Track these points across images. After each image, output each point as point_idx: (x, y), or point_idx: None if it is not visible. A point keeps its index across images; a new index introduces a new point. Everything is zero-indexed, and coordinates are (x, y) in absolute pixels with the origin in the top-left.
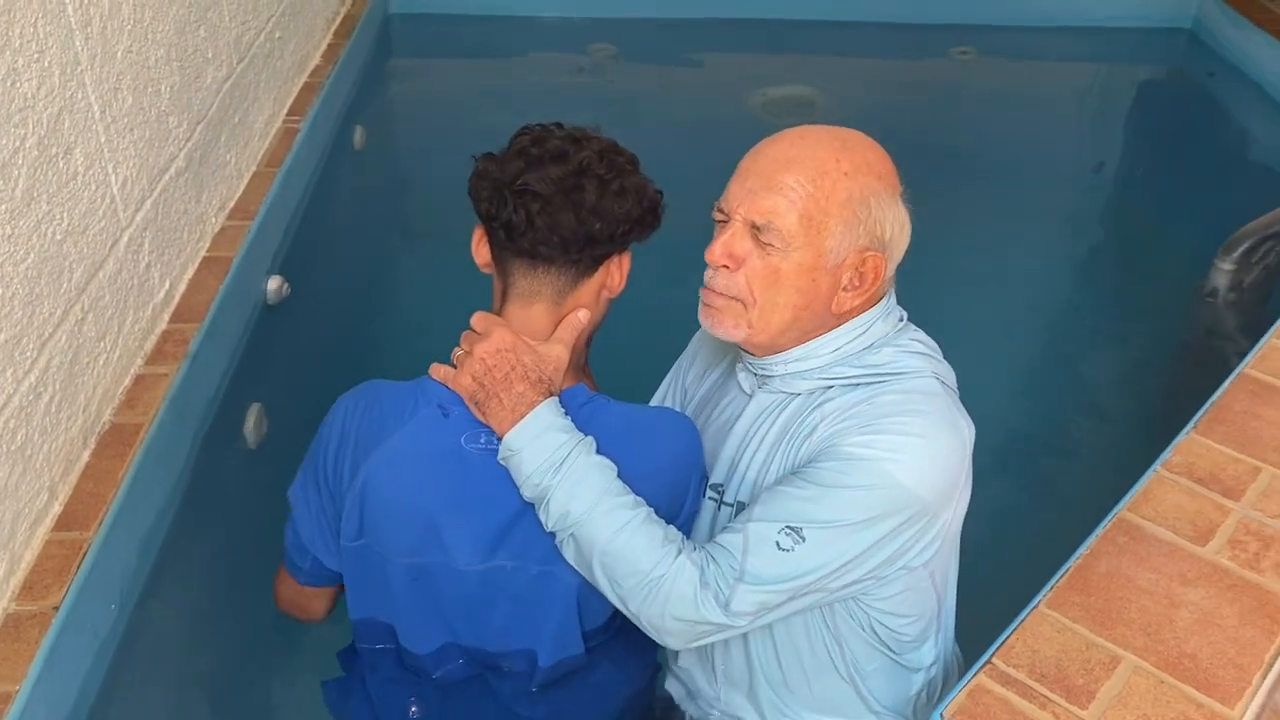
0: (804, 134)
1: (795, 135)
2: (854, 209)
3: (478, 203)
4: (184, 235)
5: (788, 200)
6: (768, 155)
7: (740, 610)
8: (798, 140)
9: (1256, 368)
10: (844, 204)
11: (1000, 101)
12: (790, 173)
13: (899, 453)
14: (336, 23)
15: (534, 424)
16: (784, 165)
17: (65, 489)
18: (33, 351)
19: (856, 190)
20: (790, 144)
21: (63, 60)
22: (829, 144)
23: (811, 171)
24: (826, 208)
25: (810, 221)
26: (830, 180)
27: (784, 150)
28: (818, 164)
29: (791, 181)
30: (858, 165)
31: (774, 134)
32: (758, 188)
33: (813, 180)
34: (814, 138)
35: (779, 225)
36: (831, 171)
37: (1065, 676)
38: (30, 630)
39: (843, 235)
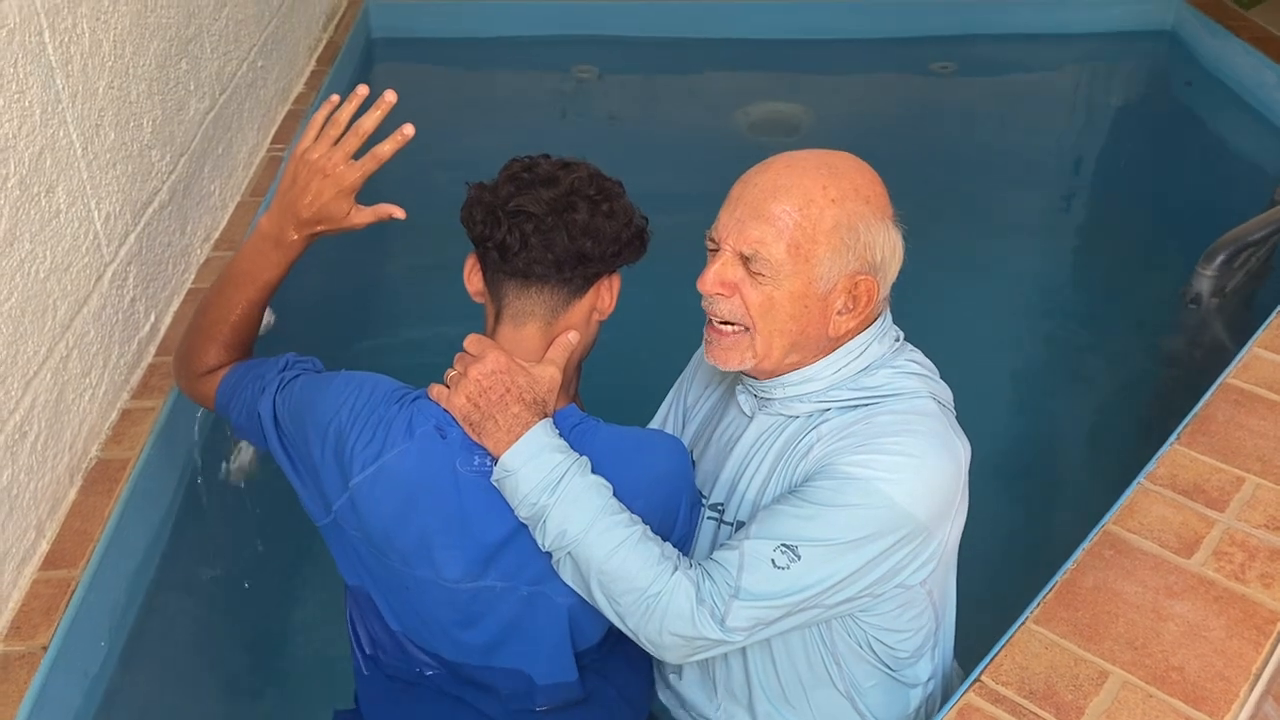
0: (792, 162)
1: (783, 164)
2: (842, 235)
3: (471, 226)
4: (169, 268)
5: (775, 230)
6: (755, 184)
7: (735, 626)
8: (784, 169)
9: (1239, 377)
10: (831, 231)
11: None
12: (777, 202)
13: (894, 472)
14: (319, 50)
15: (530, 444)
16: (771, 194)
17: (52, 527)
18: (17, 390)
19: (844, 217)
20: (777, 173)
21: (43, 99)
22: (816, 172)
23: (798, 200)
24: (814, 236)
25: (798, 250)
26: (817, 208)
27: (771, 179)
28: (804, 192)
29: (778, 211)
30: (845, 192)
31: (764, 160)
32: (746, 217)
33: (799, 209)
34: (801, 166)
35: (767, 255)
36: (818, 199)
37: (1054, 693)
38: (19, 671)
39: (832, 262)
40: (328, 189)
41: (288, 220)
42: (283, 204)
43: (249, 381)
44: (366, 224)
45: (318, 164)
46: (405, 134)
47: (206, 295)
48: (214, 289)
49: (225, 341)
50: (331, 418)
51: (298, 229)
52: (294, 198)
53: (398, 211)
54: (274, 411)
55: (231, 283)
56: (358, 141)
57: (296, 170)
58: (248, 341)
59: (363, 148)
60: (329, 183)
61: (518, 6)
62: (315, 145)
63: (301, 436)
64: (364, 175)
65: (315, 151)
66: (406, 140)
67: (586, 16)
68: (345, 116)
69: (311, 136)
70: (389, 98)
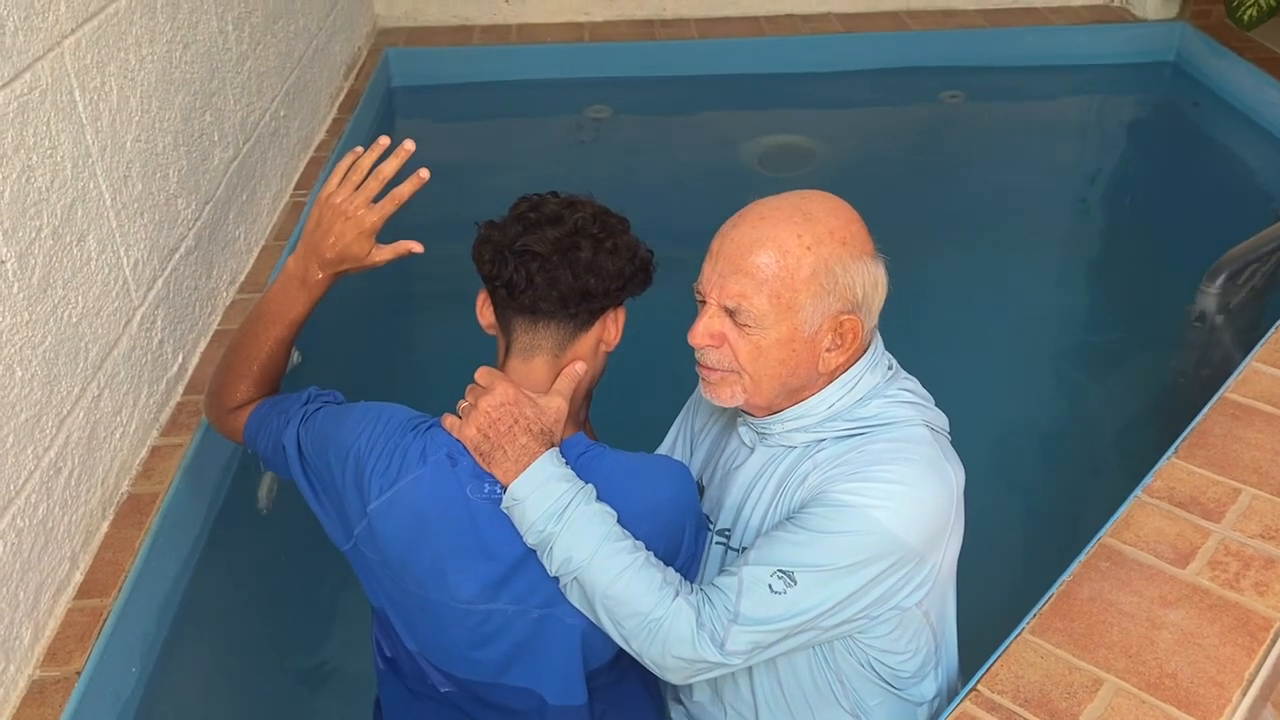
0: (765, 213)
1: (756, 216)
2: (821, 280)
3: (480, 265)
4: (196, 310)
5: (755, 283)
6: (732, 239)
7: (734, 650)
8: (758, 222)
9: (1237, 391)
10: (810, 278)
11: (991, 141)
12: (754, 255)
13: (886, 500)
14: (340, 98)
15: (537, 474)
16: (748, 249)
17: (86, 558)
18: (52, 429)
19: (821, 262)
20: (752, 225)
21: (74, 154)
22: (789, 221)
23: (774, 252)
24: (793, 285)
25: (779, 300)
26: (794, 258)
27: (746, 233)
28: (779, 244)
29: (756, 264)
30: (819, 237)
31: (740, 212)
32: (726, 272)
33: (777, 260)
34: (774, 216)
35: (749, 307)
36: (794, 249)
37: (1049, 701)
38: (55, 695)
39: (814, 307)
40: (350, 230)
41: (312, 260)
42: (308, 245)
43: (275, 415)
44: (387, 261)
45: (340, 207)
46: (421, 177)
47: (236, 334)
48: (243, 328)
49: (254, 378)
50: (351, 445)
51: (322, 268)
52: (318, 239)
53: (416, 247)
54: (298, 443)
55: (260, 321)
56: (378, 186)
57: (321, 214)
58: (275, 378)
59: (382, 192)
60: (351, 225)
61: (532, 50)
62: (338, 190)
63: (324, 465)
64: (383, 217)
65: (338, 196)
66: (423, 183)
67: (599, 58)
68: (367, 163)
69: (335, 182)
70: (408, 146)
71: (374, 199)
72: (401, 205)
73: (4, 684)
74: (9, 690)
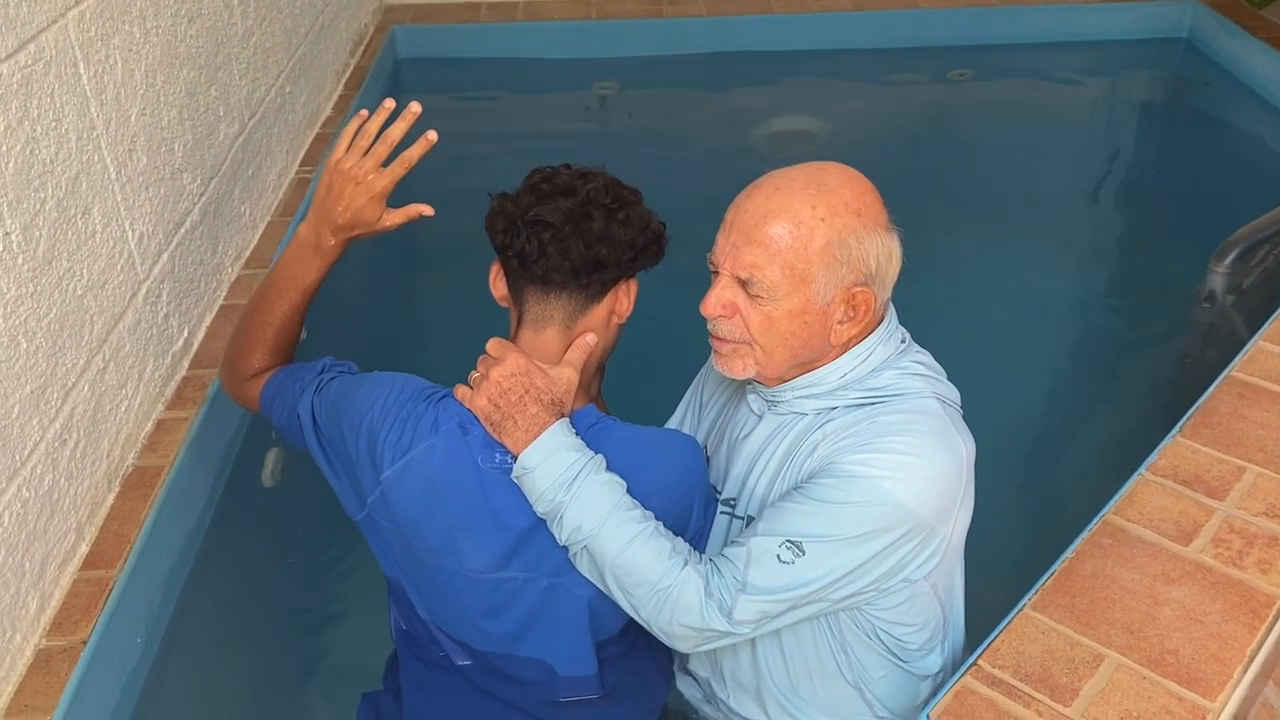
0: (779, 183)
1: (771, 186)
2: (834, 252)
3: (493, 235)
4: (201, 285)
5: (768, 253)
6: (746, 210)
7: (742, 619)
8: (773, 192)
9: (1243, 370)
10: (824, 250)
11: (1000, 120)
12: (768, 225)
13: (896, 471)
14: (347, 74)
15: (547, 443)
16: (761, 219)
17: (91, 530)
18: (57, 400)
19: (835, 234)
20: (766, 196)
21: (79, 127)
22: (804, 191)
23: (788, 223)
24: (806, 256)
25: (792, 271)
26: (807, 229)
27: (761, 203)
28: (793, 215)
29: (770, 235)
30: (834, 208)
31: (754, 182)
32: (739, 242)
33: (790, 231)
34: (789, 187)
35: (762, 278)
36: (807, 220)
37: (1050, 675)
38: (60, 664)
39: (827, 278)
40: (360, 195)
41: (324, 226)
42: (319, 211)
43: (289, 385)
44: (398, 225)
45: (350, 172)
46: (430, 139)
47: (250, 302)
48: (257, 296)
49: (269, 346)
50: (364, 414)
51: (334, 234)
52: (329, 205)
53: (426, 209)
54: (313, 412)
55: (274, 289)
56: (386, 150)
57: (330, 179)
58: (290, 346)
59: (391, 155)
60: (361, 189)
61: (539, 27)
62: (347, 155)
63: (338, 434)
64: (393, 180)
65: (347, 161)
66: (431, 145)
67: (606, 35)
68: (374, 127)
69: (343, 147)
70: (414, 108)
71: (383, 163)
72: (411, 168)
73: (11, 653)
74: (15, 659)
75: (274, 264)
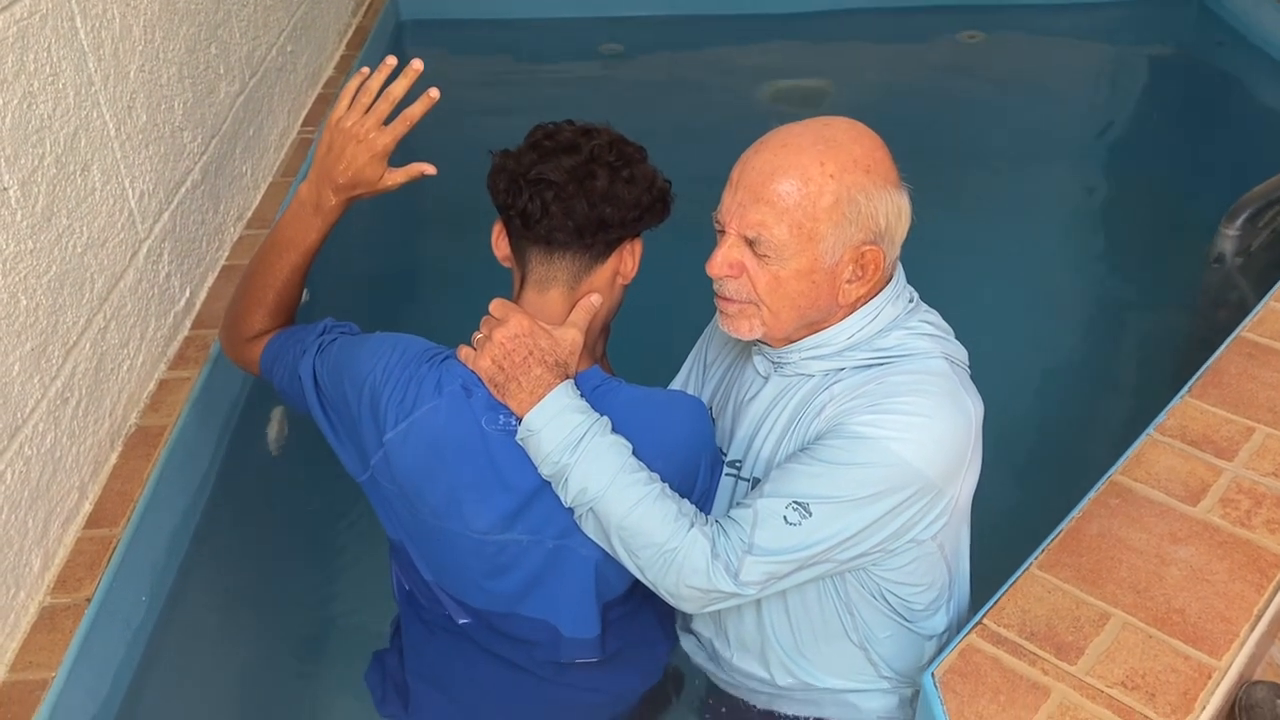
0: (787, 140)
1: (778, 143)
2: (843, 210)
3: (495, 194)
4: (203, 245)
5: (776, 212)
6: (753, 166)
7: (749, 580)
8: (780, 149)
9: (1254, 330)
10: (832, 207)
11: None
12: (775, 183)
13: (904, 431)
14: (349, 34)
15: (551, 405)
16: (769, 176)
17: (95, 488)
18: (58, 359)
19: (844, 191)
20: (774, 153)
21: (77, 82)
22: (812, 148)
23: (796, 180)
24: (814, 214)
25: (800, 229)
26: (815, 186)
27: (768, 160)
28: (801, 171)
29: (777, 192)
30: (843, 165)
31: (761, 138)
32: (746, 201)
33: (798, 189)
34: (797, 143)
35: (770, 237)
36: (816, 177)
37: (1055, 634)
38: (65, 621)
39: (835, 236)
40: (361, 154)
41: (325, 186)
42: (320, 170)
43: (290, 346)
44: (400, 184)
45: (351, 130)
46: (432, 96)
47: (251, 263)
48: (258, 257)
49: (270, 307)
50: (367, 375)
51: (335, 193)
52: (330, 164)
53: (428, 168)
54: (314, 373)
55: (275, 249)
56: (388, 107)
57: (331, 138)
58: (291, 307)
59: (393, 114)
60: (362, 148)
61: None
62: (348, 113)
63: (340, 396)
64: (395, 139)
65: (349, 119)
66: (433, 103)
67: None
68: (375, 85)
69: (344, 105)
70: (416, 65)
71: (385, 121)
72: (413, 126)
73: (15, 610)
74: (20, 616)
75: (275, 224)
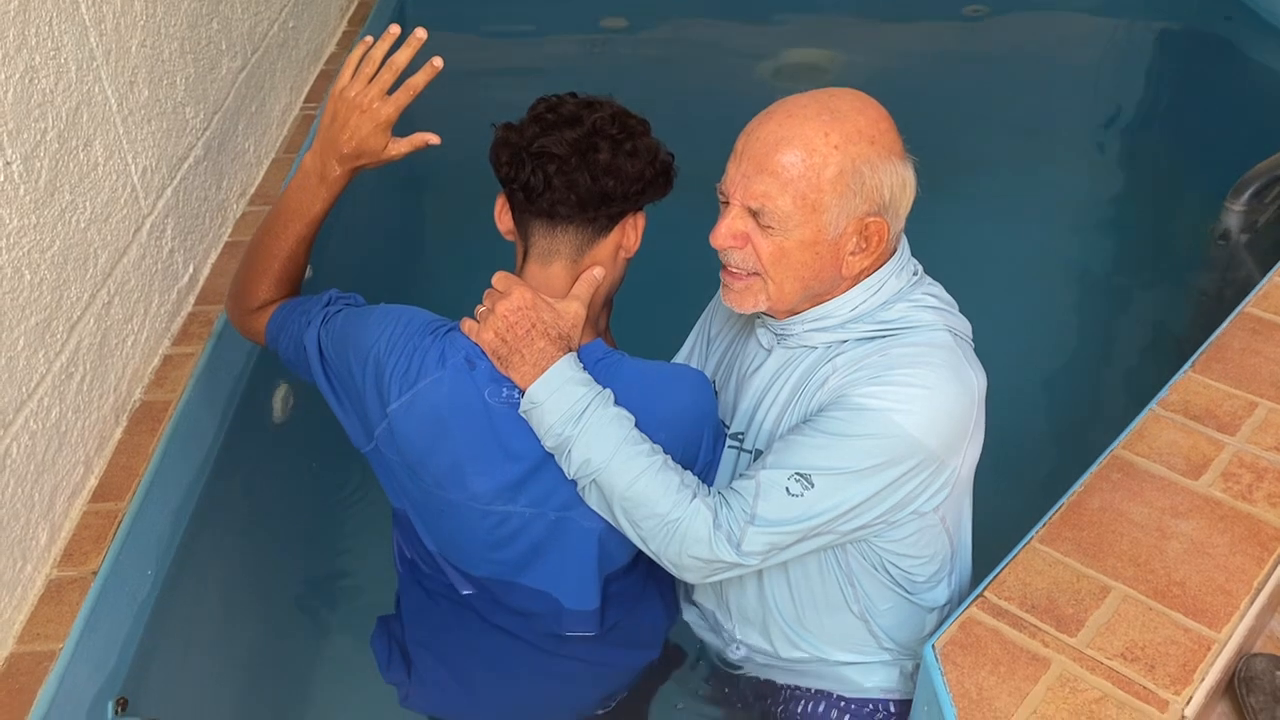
0: (792, 110)
1: (783, 113)
2: (847, 181)
3: (498, 167)
4: (206, 221)
5: (780, 183)
6: (757, 137)
7: (751, 550)
8: (785, 119)
9: (1258, 306)
10: (836, 178)
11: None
12: (779, 154)
13: (906, 403)
14: (351, 10)
15: (555, 378)
16: (773, 147)
17: (100, 463)
18: (63, 334)
19: (848, 162)
20: (779, 123)
21: (78, 56)
22: (817, 119)
23: (800, 151)
24: (819, 185)
25: (804, 201)
26: (820, 157)
27: (772, 131)
28: (805, 142)
29: (781, 163)
30: (848, 135)
31: (766, 109)
32: (750, 172)
33: (803, 160)
34: (801, 114)
35: (773, 208)
36: (820, 148)
37: (1055, 607)
38: (71, 594)
39: (840, 208)
40: (365, 124)
41: (330, 156)
42: (324, 140)
43: (296, 317)
44: (404, 154)
45: (355, 100)
46: (435, 65)
47: (256, 234)
48: (263, 228)
49: (275, 277)
50: (371, 346)
51: (340, 163)
52: (334, 134)
53: (433, 138)
54: (319, 344)
55: (280, 219)
56: (392, 77)
57: (335, 108)
58: (297, 277)
59: (396, 83)
60: (366, 118)
61: None
62: (352, 83)
63: (344, 367)
64: (398, 108)
65: (352, 89)
66: (437, 72)
67: None
68: (379, 54)
69: (348, 75)
70: (419, 34)
71: (388, 91)
72: (417, 95)
73: (22, 583)
74: (27, 589)
75: (280, 195)
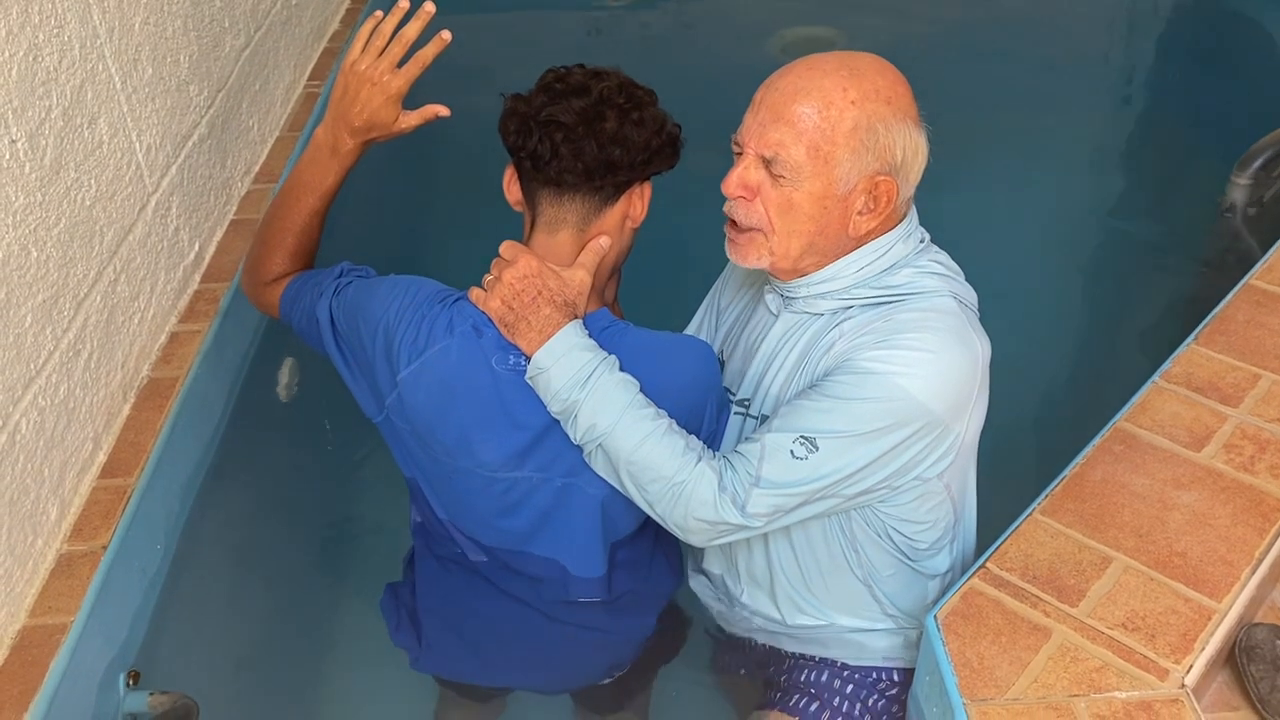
0: (813, 64)
1: (805, 66)
2: (861, 137)
3: (506, 136)
4: (211, 199)
5: (795, 132)
6: (777, 87)
7: (756, 512)
8: (806, 71)
9: (1262, 278)
10: (850, 133)
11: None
12: (797, 104)
13: (911, 367)
14: None
15: (560, 343)
16: (791, 97)
17: (109, 439)
18: (70, 311)
19: (864, 118)
20: (799, 75)
21: (81, 34)
22: (836, 74)
23: (818, 102)
24: (833, 138)
25: (817, 152)
26: (836, 110)
27: (792, 82)
28: (823, 94)
29: (798, 113)
30: (865, 93)
31: (787, 64)
32: (767, 120)
33: (819, 111)
34: (822, 68)
35: (786, 157)
36: (838, 101)
37: (1057, 577)
38: (82, 568)
39: (851, 163)
40: (376, 97)
41: (341, 129)
42: (335, 114)
43: (308, 289)
44: (415, 127)
45: (365, 74)
46: (444, 38)
47: (270, 208)
48: (277, 201)
49: (289, 250)
50: (381, 316)
51: (351, 136)
52: (345, 107)
53: (443, 110)
54: (331, 315)
55: (293, 192)
56: (401, 50)
57: (346, 81)
58: (310, 250)
59: (406, 56)
60: (377, 91)
61: None
62: (362, 56)
63: (355, 337)
64: (409, 81)
65: (363, 62)
66: (446, 44)
67: None
68: (389, 28)
69: (358, 48)
70: (429, 7)
71: (398, 64)
72: (426, 67)
73: (33, 557)
74: (38, 563)
75: (292, 169)
